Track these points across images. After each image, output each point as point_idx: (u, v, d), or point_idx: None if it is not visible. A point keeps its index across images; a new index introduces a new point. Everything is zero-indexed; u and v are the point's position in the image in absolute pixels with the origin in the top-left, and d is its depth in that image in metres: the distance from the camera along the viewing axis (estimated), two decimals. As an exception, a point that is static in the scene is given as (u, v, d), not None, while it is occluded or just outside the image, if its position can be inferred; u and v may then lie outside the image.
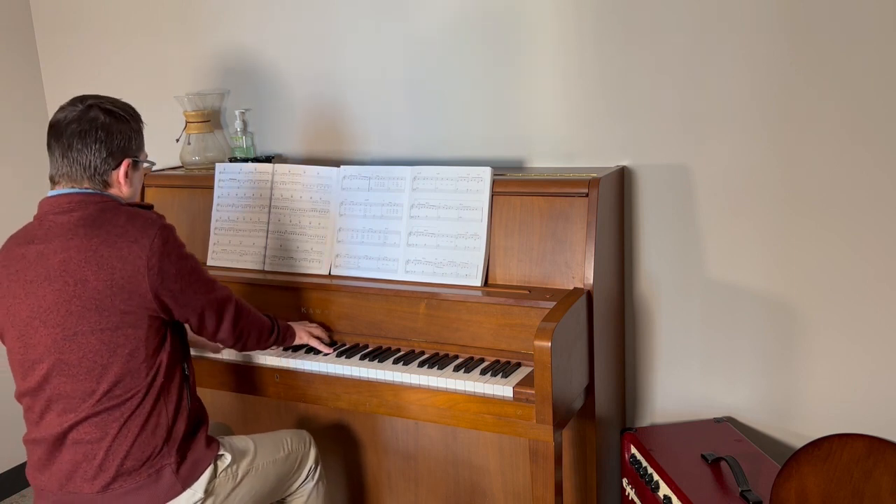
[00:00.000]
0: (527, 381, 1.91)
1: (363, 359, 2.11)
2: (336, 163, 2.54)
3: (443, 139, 2.55)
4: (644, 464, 2.12)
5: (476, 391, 1.93)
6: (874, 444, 1.59)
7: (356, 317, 2.25)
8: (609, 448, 2.28)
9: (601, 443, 2.20)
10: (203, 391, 2.17)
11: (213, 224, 2.53)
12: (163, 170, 2.80)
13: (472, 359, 2.07)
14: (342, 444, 2.53)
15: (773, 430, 2.31)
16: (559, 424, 1.87)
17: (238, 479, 1.91)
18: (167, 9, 2.93)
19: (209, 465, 1.83)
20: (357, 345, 2.21)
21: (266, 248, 2.44)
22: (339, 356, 2.15)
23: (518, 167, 2.45)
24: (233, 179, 2.51)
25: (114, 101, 1.80)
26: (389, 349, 2.17)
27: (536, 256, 2.12)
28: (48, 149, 1.76)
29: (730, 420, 2.33)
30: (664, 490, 1.99)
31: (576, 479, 2.20)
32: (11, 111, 3.18)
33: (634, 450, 2.19)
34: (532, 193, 2.13)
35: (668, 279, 2.35)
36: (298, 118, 2.77)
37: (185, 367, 1.87)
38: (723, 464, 2.01)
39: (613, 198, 2.22)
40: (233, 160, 2.68)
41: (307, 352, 2.18)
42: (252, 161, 2.61)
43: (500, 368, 1.99)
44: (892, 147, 2.04)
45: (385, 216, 2.28)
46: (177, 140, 2.83)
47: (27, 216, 1.82)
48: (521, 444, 2.24)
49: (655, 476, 2.04)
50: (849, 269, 2.14)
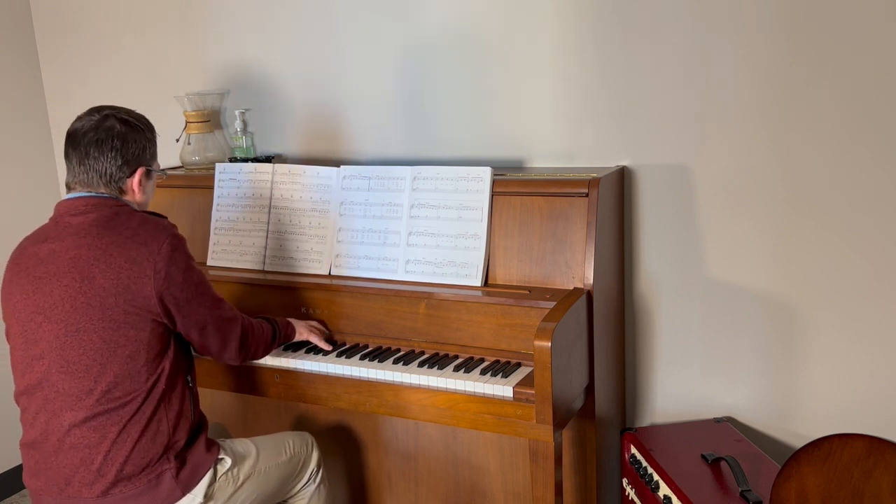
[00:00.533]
0: (527, 381, 1.91)
1: (363, 359, 2.11)
2: (336, 163, 2.54)
3: (443, 139, 2.55)
4: (644, 464, 2.12)
5: (476, 391, 1.93)
6: (874, 444, 1.59)
7: (356, 317, 2.25)
8: (609, 448, 2.28)
9: (601, 443, 2.20)
10: (203, 391, 2.17)
11: (213, 224, 2.53)
12: (168, 174, 2.80)
13: (472, 359, 2.07)
14: (342, 445, 2.53)
15: (773, 430, 2.31)
16: (559, 424, 1.87)
17: (239, 483, 1.91)
18: (167, 9, 2.93)
19: (209, 470, 1.84)
20: (357, 345, 2.21)
21: (266, 248, 2.44)
22: (339, 356, 2.15)
23: (518, 167, 2.45)
24: (233, 179, 2.51)
25: (129, 112, 1.86)
26: (389, 349, 2.17)
27: (536, 256, 2.12)
28: (65, 157, 1.81)
29: (730, 420, 2.33)
30: (664, 490, 1.99)
31: (576, 479, 2.20)
32: (11, 111, 3.18)
33: (634, 450, 2.19)
34: (532, 193, 2.13)
35: (668, 279, 2.35)
36: (298, 118, 2.77)
37: (189, 379, 1.88)
38: (723, 464, 2.01)
39: (613, 198, 2.22)
40: (233, 160, 2.68)
41: (307, 352, 2.18)
42: (252, 161, 2.61)
43: (500, 368, 1.99)
44: (893, 147, 2.04)
45: (385, 216, 2.28)
46: (177, 140, 2.83)
47: (28, 215, 1.84)
48: (521, 444, 2.24)
49: (655, 476, 2.05)
50: (849, 269, 2.14)
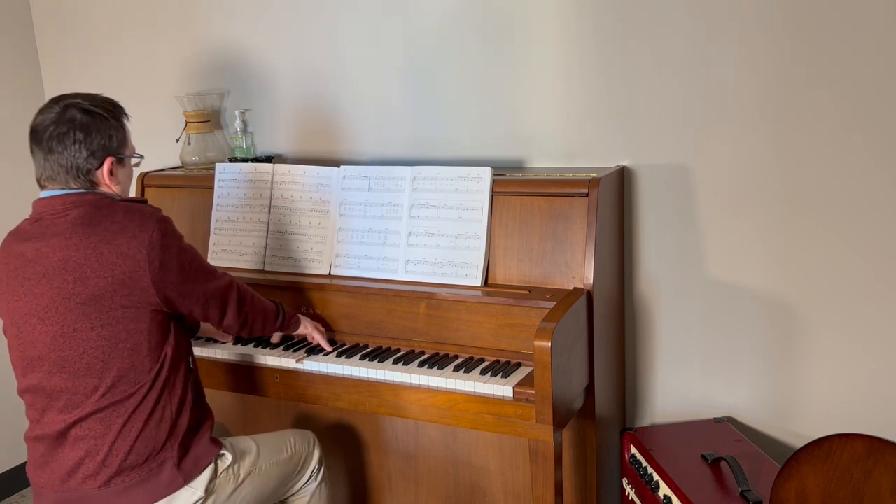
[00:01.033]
0: (527, 381, 1.91)
1: (363, 359, 2.11)
2: (336, 163, 2.54)
3: (443, 139, 2.55)
4: (644, 464, 2.12)
5: (476, 391, 1.93)
6: (874, 444, 1.59)
7: (356, 317, 2.25)
8: (609, 448, 2.28)
9: (601, 443, 2.20)
10: (203, 392, 2.17)
11: (213, 224, 2.53)
12: (163, 170, 2.80)
13: (472, 359, 2.07)
14: (342, 444, 2.53)
15: (773, 430, 2.31)
16: (559, 424, 1.87)
17: (240, 480, 1.91)
18: (167, 9, 2.93)
19: (210, 463, 1.83)
20: (357, 345, 2.21)
21: (266, 248, 2.44)
22: (339, 356, 2.15)
23: (518, 167, 2.45)
24: (233, 179, 2.51)
25: (92, 99, 1.76)
26: (389, 349, 2.17)
27: (536, 256, 2.12)
28: (31, 152, 1.74)
29: (730, 420, 2.33)
30: (664, 490, 1.99)
31: (576, 479, 2.20)
32: (11, 111, 3.18)
33: (634, 450, 2.19)
34: (532, 193, 2.13)
35: (668, 279, 2.35)
36: (298, 118, 2.77)
37: (190, 361, 1.88)
38: (723, 464, 2.01)
39: (613, 198, 2.22)
40: (233, 160, 2.68)
41: (307, 351, 2.18)
42: (252, 161, 2.61)
43: (500, 368, 1.99)
44: (893, 147, 2.04)
45: (385, 216, 2.28)
46: (177, 140, 2.83)
47: (27, 214, 1.82)
48: (521, 444, 2.24)
49: (655, 476, 2.04)
50: (849, 269, 2.14)
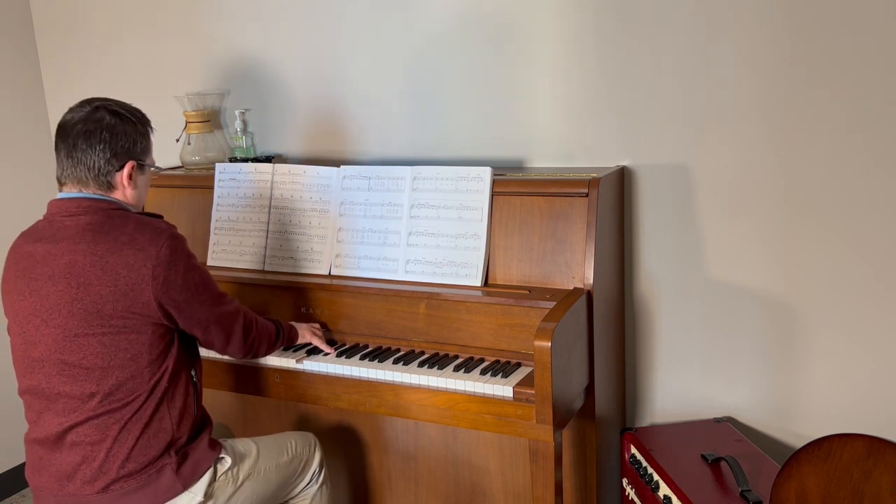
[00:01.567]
0: (527, 381, 1.91)
1: (363, 359, 2.11)
2: (336, 163, 2.54)
3: (442, 139, 2.55)
4: (644, 464, 2.12)
5: (476, 391, 1.93)
6: (874, 444, 1.59)
7: (356, 317, 2.25)
8: (609, 448, 2.28)
9: (601, 443, 2.20)
10: (204, 391, 2.17)
11: (213, 224, 2.53)
12: (163, 170, 2.80)
13: (472, 359, 2.07)
14: (342, 445, 2.53)
15: (773, 430, 2.31)
16: (559, 424, 1.87)
17: (239, 483, 1.91)
18: (167, 9, 2.93)
19: (210, 468, 1.83)
20: (357, 345, 2.21)
21: (266, 248, 2.44)
22: (340, 356, 2.15)
23: (518, 167, 2.45)
24: (233, 179, 2.51)
25: (122, 104, 1.81)
26: (389, 349, 2.17)
27: (536, 256, 2.12)
28: (55, 149, 1.77)
29: (730, 420, 2.33)
30: (664, 490, 1.99)
31: (576, 479, 2.20)
32: (11, 111, 3.18)
33: (634, 450, 2.19)
34: (532, 193, 2.13)
35: (668, 279, 2.35)
36: (298, 118, 2.77)
37: (193, 374, 1.87)
38: (723, 464, 2.01)
39: (613, 198, 2.22)
40: (233, 160, 2.68)
41: (307, 352, 2.18)
42: (252, 161, 2.61)
43: (500, 368, 1.99)
44: (893, 147, 2.04)
45: (385, 216, 2.28)
46: (177, 140, 2.83)
47: (27, 215, 1.82)
48: (521, 444, 2.24)
49: (655, 476, 2.05)
50: (849, 269, 2.14)
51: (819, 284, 2.18)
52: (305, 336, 2.17)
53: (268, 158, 2.68)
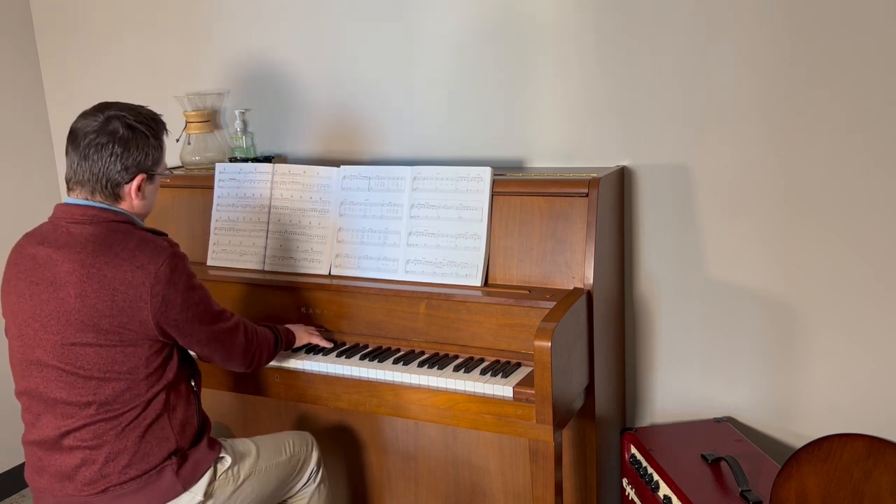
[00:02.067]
0: (527, 381, 1.91)
1: (363, 359, 2.11)
2: (336, 163, 2.54)
3: (443, 139, 2.55)
4: (644, 464, 2.12)
5: (476, 391, 1.93)
6: (874, 444, 1.59)
7: (356, 317, 2.25)
8: (609, 448, 2.28)
9: (601, 443, 2.20)
10: (203, 391, 2.16)
11: (213, 224, 2.53)
12: (169, 169, 2.80)
13: (472, 359, 2.07)
14: (342, 444, 2.53)
15: (773, 430, 2.31)
16: (559, 424, 1.87)
17: (239, 482, 1.91)
18: (167, 9, 2.93)
19: (209, 467, 1.83)
20: (357, 345, 2.21)
21: (266, 248, 2.44)
22: (339, 356, 2.15)
23: (518, 167, 2.45)
24: (233, 179, 2.51)
25: (138, 114, 1.77)
26: (389, 349, 2.17)
27: (536, 256, 2.12)
28: (66, 153, 1.75)
29: (730, 420, 2.33)
30: (664, 490, 1.99)
31: (576, 479, 2.20)
32: (11, 111, 3.18)
33: (634, 450, 2.19)
34: (532, 193, 2.12)
35: (668, 279, 2.35)
36: (298, 118, 2.77)
37: (193, 384, 1.87)
38: (723, 464, 2.01)
39: (613, 198, 2.22)
40: (233, 160, 2.68)
41: (307, 352, 2.18)
42: (252, 161, 2.61)
43: (500, 368, 1.99)
44: (893, 147, 2.04)
45: (385, 216, 2.28)
46: (177, 140, 2.83)
47: (27, 214, 1.82)
48: (521, 444, 2.24)
49: (655, 476, 2.04)
50: (849, 269, 2.14)
51: (819, 284, 2.18)
52: (304, 339, 2.17)
53: (267, 158, 2.68)
